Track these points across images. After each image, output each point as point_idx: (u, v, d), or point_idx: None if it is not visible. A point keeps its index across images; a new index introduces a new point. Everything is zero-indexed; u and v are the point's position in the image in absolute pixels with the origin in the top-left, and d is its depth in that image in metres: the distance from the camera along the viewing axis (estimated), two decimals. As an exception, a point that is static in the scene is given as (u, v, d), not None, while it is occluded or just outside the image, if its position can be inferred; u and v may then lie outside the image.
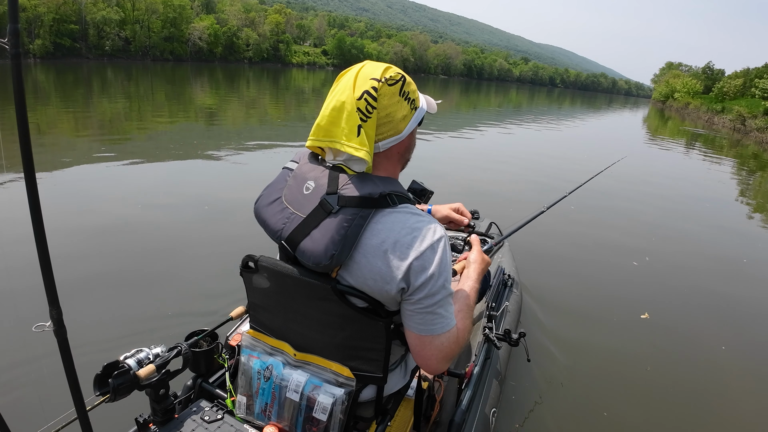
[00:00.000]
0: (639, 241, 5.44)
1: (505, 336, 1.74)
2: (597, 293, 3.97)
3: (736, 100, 42.14)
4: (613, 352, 3.10)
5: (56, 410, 1.22)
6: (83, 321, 2.72)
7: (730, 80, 49.30)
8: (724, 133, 28.11)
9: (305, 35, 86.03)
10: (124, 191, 5.39)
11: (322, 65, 76.84)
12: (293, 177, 1.10)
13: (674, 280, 4.43)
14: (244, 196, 5.31)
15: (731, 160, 15.72)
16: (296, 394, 1.11)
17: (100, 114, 11.57)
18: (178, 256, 3.88)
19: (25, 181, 0.86)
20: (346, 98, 0.98)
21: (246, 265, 1.15)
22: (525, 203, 6.36)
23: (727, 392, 2.82)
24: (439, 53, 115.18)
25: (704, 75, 66.84)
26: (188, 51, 52.43)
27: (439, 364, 1.03)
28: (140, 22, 47.26)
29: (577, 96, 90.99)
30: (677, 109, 55.76)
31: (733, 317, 3.78)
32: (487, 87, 77.38)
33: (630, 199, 7.52)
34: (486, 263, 1.32)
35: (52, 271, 0.93)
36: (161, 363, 1.19)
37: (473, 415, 1.61)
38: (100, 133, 9.09)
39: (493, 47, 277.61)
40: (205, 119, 12.49)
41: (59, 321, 0.96)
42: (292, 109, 17.75)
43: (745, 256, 5.37)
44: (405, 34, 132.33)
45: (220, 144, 8.85)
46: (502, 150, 11.81)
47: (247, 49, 61.13)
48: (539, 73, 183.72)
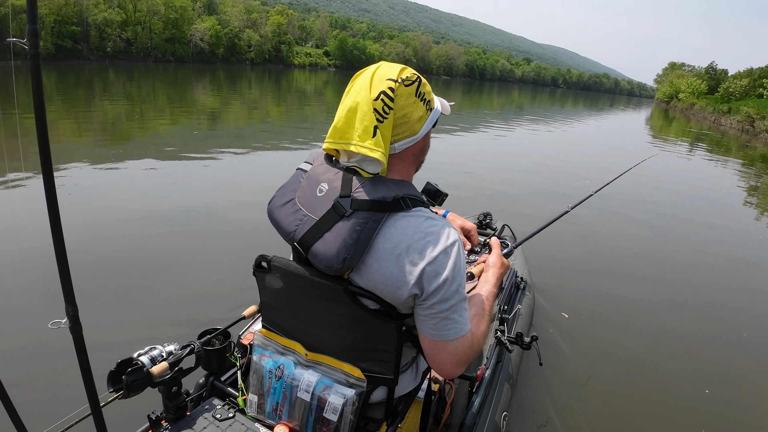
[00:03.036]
0: (656, 244, 5.38)
1: (517, 339, 1.71)
2: (612, 297, 3.86)
3: (743, 101, 41.45)
4: (629, 357, 3.02)
5: (70, 406, 1.23)
6: (97, 319, 2.73)
7: (736, 80, 48.35)
8: (732, 135, 27.94)
9: (307, 36, 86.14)
10: (132, 191, 5.42)
11: (324, 66, 76.89)
12: (307, 179, 1.10)
13: (692, 283, 4.38)
14: (255, 196, 5.36)
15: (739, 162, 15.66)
16: (307, 394, 1.11)
17: (102, 115, 11.60)
18: (191, 255, 3.90)
19: (44, 181, 0.87)
20: (362, 99, 0.98)
21: (259, 265, 1.15)
22: (530, 204, 6.37)
23: (755, 400, 2.75)
24: (441, 54, 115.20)
25: (707, 75, 66.59)
26: (190, 52, 52.47)
27: (453, 369, 1.02)
28: (142, 24, 47.34)
29: (579, 96, 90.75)
30: (682, 110, 55.34)
31: (757, 322, 3.71)
32: (489, 88, 77.31)
33: (646, 201, 7.39)
34: (505, 267, 1.30)
35: (68, 268, 0.94)
36: (174, 361, 1.20)
37: (484, 418, 1.60)
38: (102, 135, 9.11)
39: (496, 48, 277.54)
40: (207, 121, 12.51)
41: (75, 318, 0.97)
42: (295, 110, 17.77)
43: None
44: (407, 35, 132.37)
45: (229, 144, 8.90)
46: (509, 150, 11.80)
47: (249, 51, 61.20)
48: (541, 73, 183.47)
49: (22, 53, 0.85)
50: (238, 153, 8.24)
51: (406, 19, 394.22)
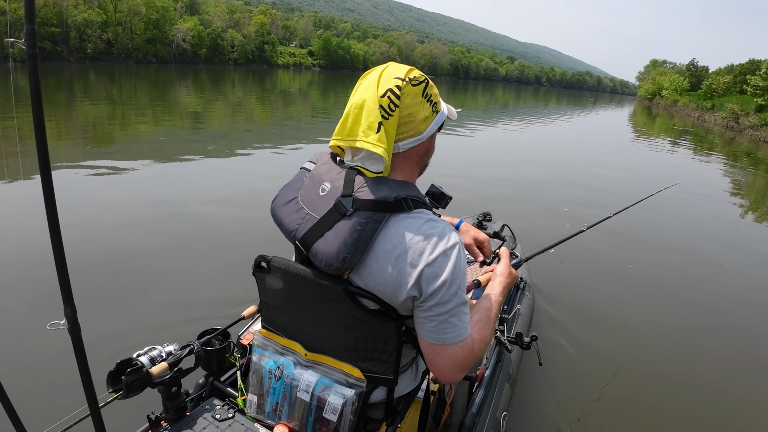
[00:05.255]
0: (656, 243, 5.40)
1: (516, 339, 1.72)
2: (612, 297, 3.90)
3: (726, 97, 41.97)
4: (629, 356, 3.04)
5: (69, 407, 1.23)
6: (97, 320, 2.72)
7: (718, 77, 48.61)
8: (717, 131, 28.26)
9: (291, 36, 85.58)
10: (117, 193, 5.38)
11: (309, 66, 76.50)
12: (310, 178, 1.10)
13: (693, 282, 4.42)
14: (250, 196, 5.36)
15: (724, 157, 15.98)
16: (307, 394, 1.11)
17: (83, 118, 11.41)
18: (190, 255, 3.90)
19: (42, 183, 0.86)
20: (368, 96, 0.99)
21: (258, 265, 1.16)
22: (518, 202, 6.43)
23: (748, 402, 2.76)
24: (425, 53, 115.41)
25: (689, 72, 67.58)
26: (172, 53, 51.75)
27: (452, 373, 1.01)
28: (123, 24, 46.56)
29: (563, 94, 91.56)
30: (665, 107, 55.98)
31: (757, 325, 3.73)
32: (474, 86, 77.69)
33: (644, 206, 7.40)
34: (513, 278, 1.29)
35: (67, 269, 0.93)
36: (174, 361, 1.20)
37: (484, 418, 1.60)
38: (84, 137, 8.96)
39: (480, 47, 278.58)
40: (190, 122, 12.39)
41: (74, 319, 0.97)
42: (279, 110, 17.66)
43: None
44: (391, 34, 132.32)
45: (220, 144, 8.88)
46: (498, 148, 11.89)
47: (232, 51, 60.64)
48: (525, 72, 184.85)
49: (20, 53, 0.84)
50: (227, 154, 8.20)
51: (390, 19, 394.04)
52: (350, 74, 68.45)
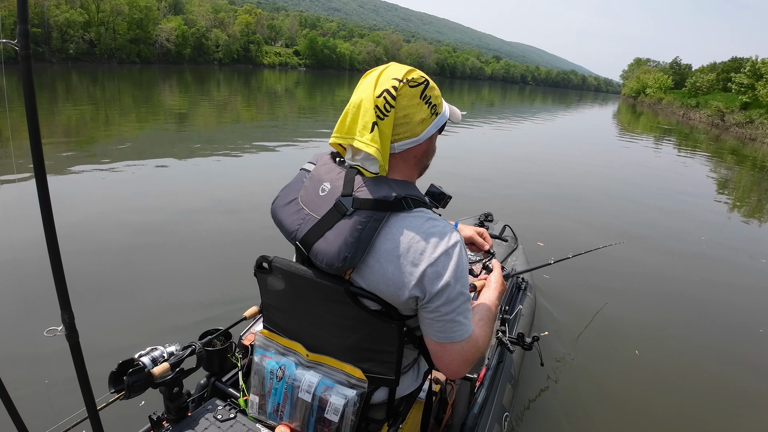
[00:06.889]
0: (656, 243, 5.41)
1: (518, 340, 1.73)
2: (614, 296, 3.90)
3: (710, 95, 42.37)
4: (630, 357, 3.05)
5: (67, 412, 1.22)
6: (97, 321, 2.71)
7: (702, 75, 48.90)
8: (702, 129, 28.53)
9: (276, 36, 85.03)
10: (107, 194, 5.34)
11: (294, 66, 76.07)
12: (310, 178, 1.10)
13: (693, 281, 4.45)
14: (248, 197, 5.37)
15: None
16: (308, 394, 1.11)
17: (66, 119, 11.25)
18: (190, 255, 3.89)
19: (37, 186, 0.85)
20: (366, 95, 0.99)
21: (260, 265, 1.15)
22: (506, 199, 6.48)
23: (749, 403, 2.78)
24: (411, 53, 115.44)
25: (672, 70, 68.40)
26: (156, 53, 51.02)
27: (460, 369, 1.03)
28: (105, 24, 45.78)
29: (548, 93, 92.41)
30: (649, 105, 56.61)
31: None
32: (460, 85, 78.14)
33: (640, 202, 7.42)
34: (504, 288, 1.33)
35: (64, 275, 0.92)
36: (175, 361, 1.20)
37: (485, 419, 1.60)
38: (70, 139, 8.88)
39: (465, 46, 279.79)
40: (175, 122, 12.26)
41: (71, 325, 0.96)
42: (265, 109, 17.57)
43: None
44: (377, 33, 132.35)
45: (207, 145, 8.82)
46: (485, 148, 11.97)
47: (217, 51, 60.01)
48: (511, 71, 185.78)
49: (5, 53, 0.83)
50: (217, 154, 8.14)
51: (376, 18, 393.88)
52: (336, 74, 68.36)
